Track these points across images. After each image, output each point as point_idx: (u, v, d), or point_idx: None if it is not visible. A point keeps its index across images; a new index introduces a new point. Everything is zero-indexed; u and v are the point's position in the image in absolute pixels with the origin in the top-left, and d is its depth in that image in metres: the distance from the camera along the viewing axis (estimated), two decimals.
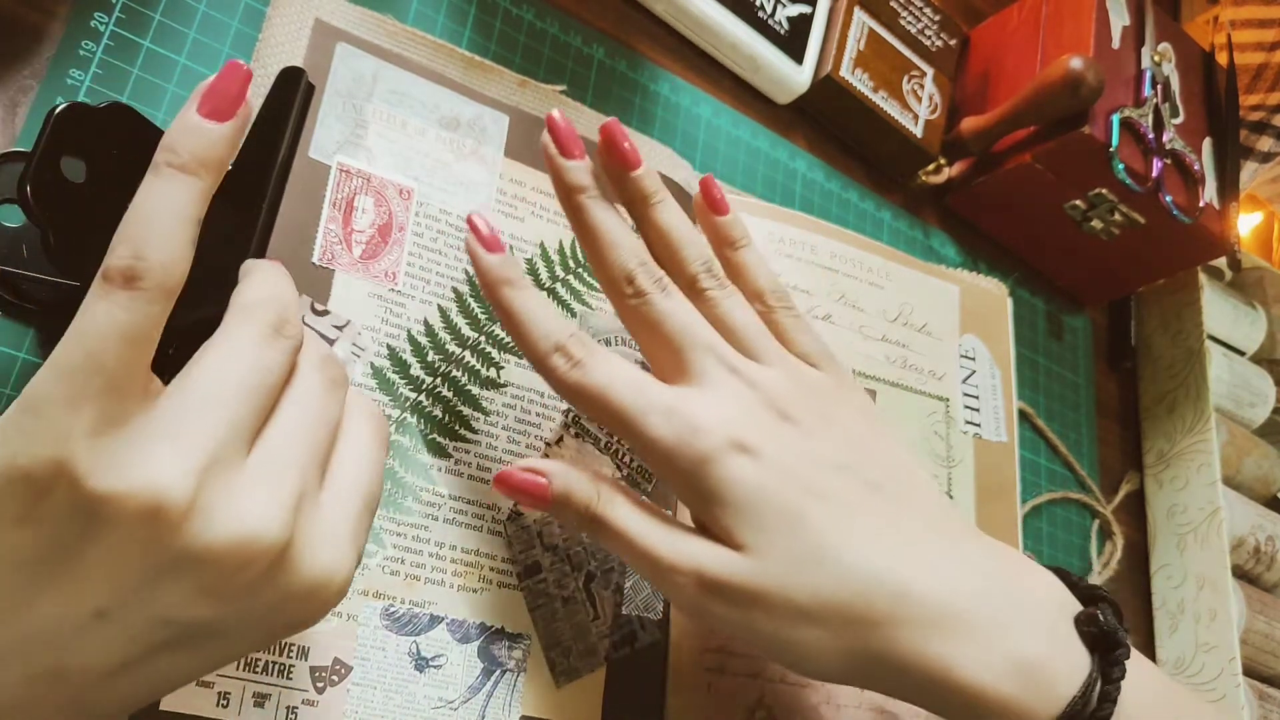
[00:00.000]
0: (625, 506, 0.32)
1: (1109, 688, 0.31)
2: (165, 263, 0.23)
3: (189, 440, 0.23)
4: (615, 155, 0.35)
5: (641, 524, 0.32)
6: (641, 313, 0.34)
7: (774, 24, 0.54)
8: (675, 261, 0.35)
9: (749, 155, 0.54)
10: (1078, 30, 0.57)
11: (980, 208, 0.62)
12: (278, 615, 0.25)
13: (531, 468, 0.33)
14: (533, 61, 0.47)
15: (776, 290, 0.36)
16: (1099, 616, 0.32)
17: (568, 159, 0.34)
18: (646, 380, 0.33)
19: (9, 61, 0.34)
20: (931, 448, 0.49)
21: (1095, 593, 0.34)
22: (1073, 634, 0.33)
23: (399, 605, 0.34)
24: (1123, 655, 0.32)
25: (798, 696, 0.41)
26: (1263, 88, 0.73)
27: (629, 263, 0.34)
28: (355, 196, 0.38)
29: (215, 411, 0.24)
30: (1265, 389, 0.66)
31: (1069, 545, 0.59)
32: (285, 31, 0.38)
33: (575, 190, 0.34)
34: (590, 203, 0.34)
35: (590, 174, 0.34)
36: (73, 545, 0.22)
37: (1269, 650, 0.58)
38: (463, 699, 0.35)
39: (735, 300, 0.35)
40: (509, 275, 0.34)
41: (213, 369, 0.25)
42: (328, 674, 0.32)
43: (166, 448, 0.22)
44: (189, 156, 0.24)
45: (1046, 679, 0.31)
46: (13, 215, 0.32)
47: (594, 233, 0.34)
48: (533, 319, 0.33)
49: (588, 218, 0.34)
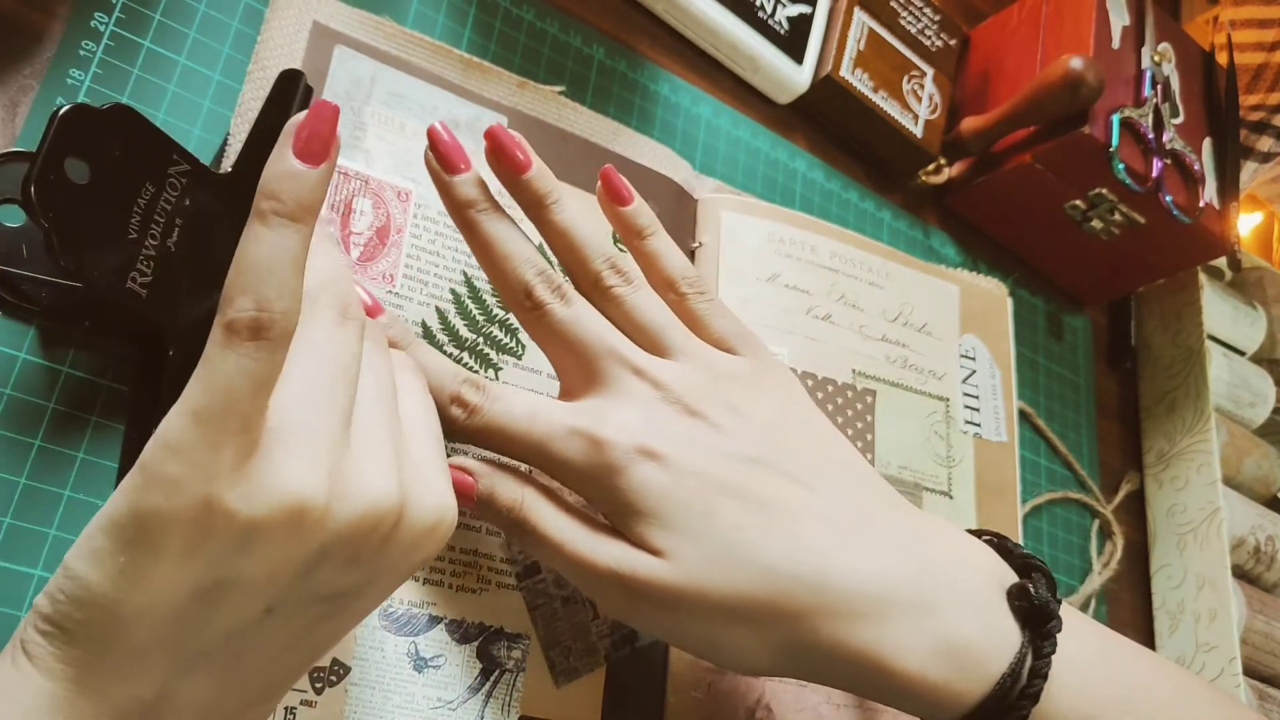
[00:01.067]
0: (550, 510, 0.32)
1: (1039, 663, 0.31)
2: (288, 310, 0.24)
3: (309, 445, 0.25)
4: (505, 161, 0.34)
5: (565, 528, 0.32)
6: (543, 325, 0.33)
7: (774, 24, 0.54)
8: (578, 261, 0.34)
9: (749, 155, 0.54)
10: (1078, 30, 0.57)
11: (980, 208, 0.61)
12: (408, 559, 0.28)
13: (461, 465, 0.33)
14: (533, 62, 0.47)
15: (688, 276, 0.36)
16: (1029, 590, 0.32)
17: (452, 174, 0.33)
18: (543, 406, 0.33)
19: (9, 61, 0.34)
20: (931, 448, 0.49)
21: (1029, 562, 0.34)
22: (1003, 609, 0.32)
23: (398, 605, 0.34)
24: (1054, 628, 0.32)
25: (798, 696, 0.41)
26: (1263, 88, 0.73)
27: (525, 274, 0.33)
28: (353, 199, 0.38)
29: (320, 410, 0.25)
30: (1265, 389, 0.66)
31: (1069, 545, 0.59)
32: (283, 34, 0.38)
33: (464, 205, 0.33)
34: (480, 216, 0.33)
35: (477, 186, 0.33)
36: (237, 565, 0.24)
37: (1269, 650, 0.58)
38: (462, 699, 0.35)
39: (641, 295, 0.34)
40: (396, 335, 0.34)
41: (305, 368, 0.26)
42: (326, 674, 0.32)
43: (295, 459, 0.24)
44: (294, 204, 0.24)
45: (975, 659, 0.31)
46: (13, 215, 0.32)
47: (488, 247, 0.33)
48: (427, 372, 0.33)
49: (480, 232, 0.33)
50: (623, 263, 0.34)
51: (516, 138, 0.34)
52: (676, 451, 0.31)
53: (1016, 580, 0.33)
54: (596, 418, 0.32)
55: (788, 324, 0.47)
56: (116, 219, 0.30)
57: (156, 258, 0.31)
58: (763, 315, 0.46)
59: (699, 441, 0.32)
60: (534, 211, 0.34)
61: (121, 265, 0.30)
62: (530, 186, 0.34)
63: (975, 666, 0.31)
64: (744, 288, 0.46)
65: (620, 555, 0.31)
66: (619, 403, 0.32)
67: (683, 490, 0.31)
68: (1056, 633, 0.32)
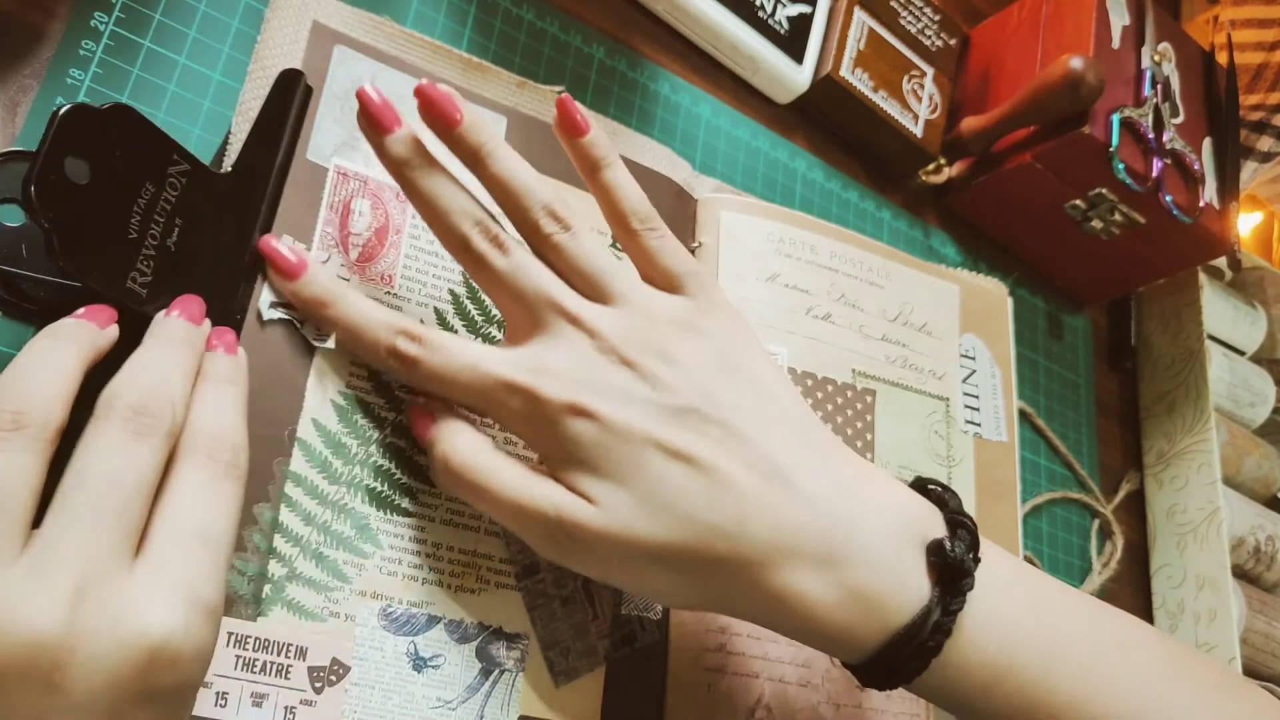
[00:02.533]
0: (490, 455, 0.33)
1: (944, 619, 0.32)
2: None
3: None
4: (436, 114, 0.33)
5: (503, 471, 0.33)
6: (483, 274, 0.34)
7: (774, 24, 0.54)
8: (518, 210, 0.34)
9: (749, 155, 0.54)
10: (1078, 30, 0.57)
11: (980, 207, 0.62)
12: (104, 705, 0.24)
13: (429, 408, 0.34)
14: (533, 61, 0.47)
15: (639, 211, 0.35)
16: (946, 546, 0.33)
17: (384, 134, 0.33)
18: (484, 358, 0.33)
19: (9, 61, 0.34)
20: (931, 447, 0.49)
21: (956, 519, 0.34)
22: (917, 564, 0.33)
23: (397, 605, 0.34)
24: (966, 586, 0.33)
25: (798, 696, 0.41)
26: (1263, 88, 0.73)
27: (462, 226, 0.33)
28: (352, 199, 0.38)
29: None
30: (1265, 389, 0.66)
31: (1069, 545, 0.59)
32: (283, 34, 0.38)
33: (399, 164, 0.33)
34: (416, 174, 0.33)
35: (410, 144, 0.33)
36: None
37: (1269, 650, 0.58)
38: (461, 699, 0.35)
39: (580, 241, 0.34)
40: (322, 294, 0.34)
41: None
42: (326, 674, 0.32)
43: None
44: None
45: (878, 609, 0.32)
46: (13, 215, 0.32)
47: (426, 203, 0.34)
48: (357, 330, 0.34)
49: (418, 189, 0.33)
50: (561, 209, 0.34)
51: (448, 92, 0.34)
52: (606, 406, 0.32)
53: (938, 536, 0.34)
54: (532, 370, 0.33)
55: (788, 324, 0.47)
56: (116, 219, 0.30)
57: (156, 257, 0.31)
58: (763, 315, 0.46)
59: (629, 393, 0.33)
60: (471, 164, 0.34)
61: (121, 265, 0.30)
62: (465, 139, 0.34)
63: (878, 616, 0.32)
64: (744, 288, 0.46)
65: (554, 498, 0.32)
66: (555, 352, 0.33)
67: (612, 443, 0.32)
68: (967, 591, 0.33)
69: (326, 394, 0.35)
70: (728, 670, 0.40)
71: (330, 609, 0.33)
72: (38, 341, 0.28)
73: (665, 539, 0.32)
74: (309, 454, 0.34)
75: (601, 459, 0.32)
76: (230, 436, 0.29)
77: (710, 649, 0.40)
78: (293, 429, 0.34)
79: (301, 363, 0.35)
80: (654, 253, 0.35)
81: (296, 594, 0.33)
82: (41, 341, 0.28)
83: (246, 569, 0.32)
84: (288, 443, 0.34)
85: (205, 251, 0.33)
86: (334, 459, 0.35)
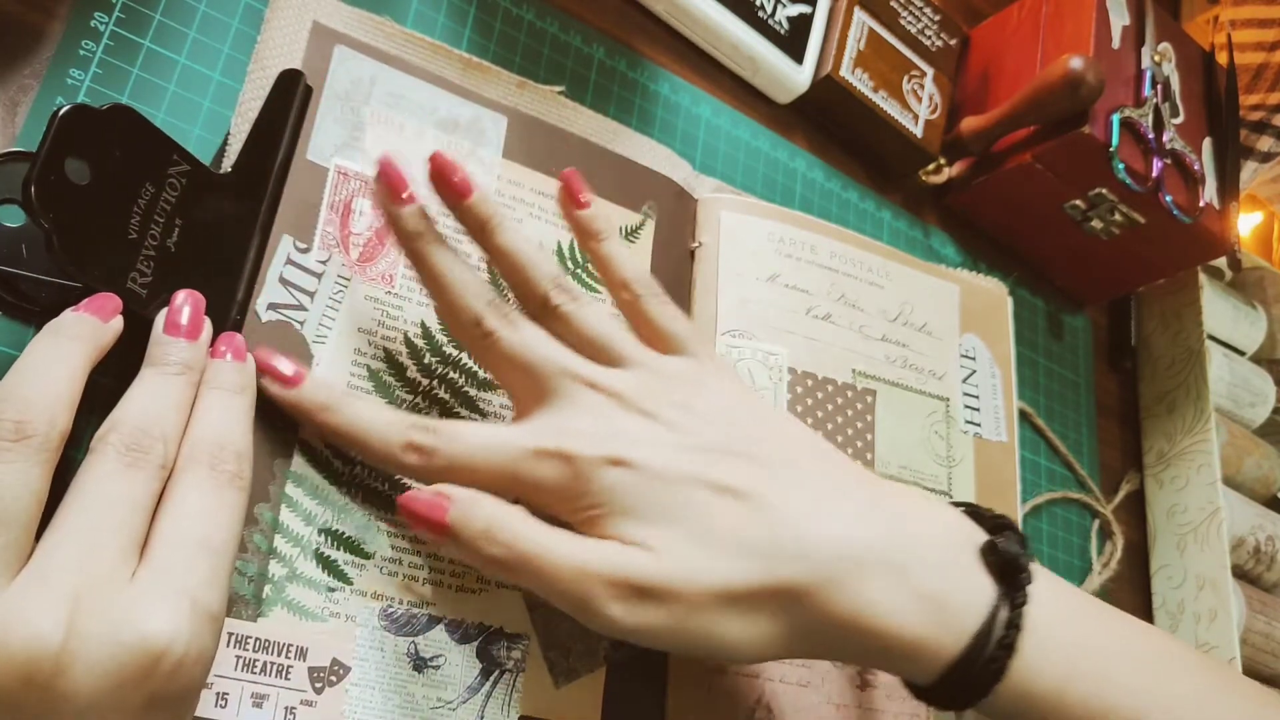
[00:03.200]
0: (529, 523, 0.31)
1: (1013, 614, 0.32)
2: None
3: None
4: (446, 188, 0.35)
5: (548, 538, 0.31)
6: (495, 351, 0.34)
7: (774, 24, 0.54)
8: (525, 283, 0.35)
9: (749, 155, 0.54)
10: (1078, 30, 0.57)
11: (980, 208, 0.61)
12: (129, 698, 0.24)
13: (437, 490, 0.32)
14: (533, 61, 0.47)
15: (639, 279, 0.37)
16: (998, 545, 0.33)
17: (398, 206, 0.34)
18: (501, 433, 0.33)
19: (9, 61, 0.34)
20: (931, 447, 0.49)
21: (1000, 522, 0.35)
22: (976, 565, 0.33)
23: (397, 606, 0.34)
24: (1025, 580, 0.33)
25: (798, 696, 0.41)
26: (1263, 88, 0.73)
27: (475, 305, 0.34)
28: (353, 199, 0.38)
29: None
30: (1265, 389, 0.66)
31: (1069, 545, 0.59)
32: (283, 34, 0.38)
33: (412, 237, 0.34)
34: (429, 249, 0.34)
35: (421, 218, 0.34)
36: None
37: (1269, 650, 0.58)
38: (461, 699, 0.35)
39: (589, 310, 0.35)
40: None
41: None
42: (326, 674, 0.32)
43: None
44: None
45: (951, 612, 0.32)
46: (13, 215, 0.32)
47: (437, 279, 0.34)
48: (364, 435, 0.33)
49: (429, 265, 0.34)
50: (567, 281, 0.35)
51: (455, 163, 0.34)
52: (641, 453, 0.32)
53: (988, 538, 0.34)
54: (558, 433, 0.32)
55: (788, 324, 0.47)
56: (116, 219, 0.30)
57: (156, 258, 0.31)
58: (763, 315, 0.46)
59: (660, 440, 0.33)
60: (478, 236, 0.35)
61: (121, 265, 0.30)
62: (472, 212, 0.35)
63: (952, 619, 0.32)
64: (744, 288, 0.46)
65: (611, 552, 0.31)
66: (577, 416, 0.33)
67: (654, 488, 0.32)
68: (1027, 584, 0.33)
69: None
70: (728, 670, 0.40)
71: (331, 609, 0.33)
72: (40, 341, 0.27)
73: (728, 576, 0.31)
74: (309, 454, 0.34)
75: (645, 505, 0.32)
76: (234, 445, 0.29)
77: None
78: (293, 429, 0.34)
79: (302, 363, 0.35)
80: (656, 316, 0.36)
81: (297, 594, 0.33)
82: (44, 341, 0.27)
83: (247, 569, 0.32)
84: (288, 443, 0.34)
85: (205, 252, 0.33)
86: (334, 459, 0.35)
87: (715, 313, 0.45)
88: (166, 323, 0.30)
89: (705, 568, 0.31)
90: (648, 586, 0.30)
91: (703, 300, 0.46)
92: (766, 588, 0.31)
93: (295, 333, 0.35)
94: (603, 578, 0.30)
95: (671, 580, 0.31)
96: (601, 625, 0.31)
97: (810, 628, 0.32)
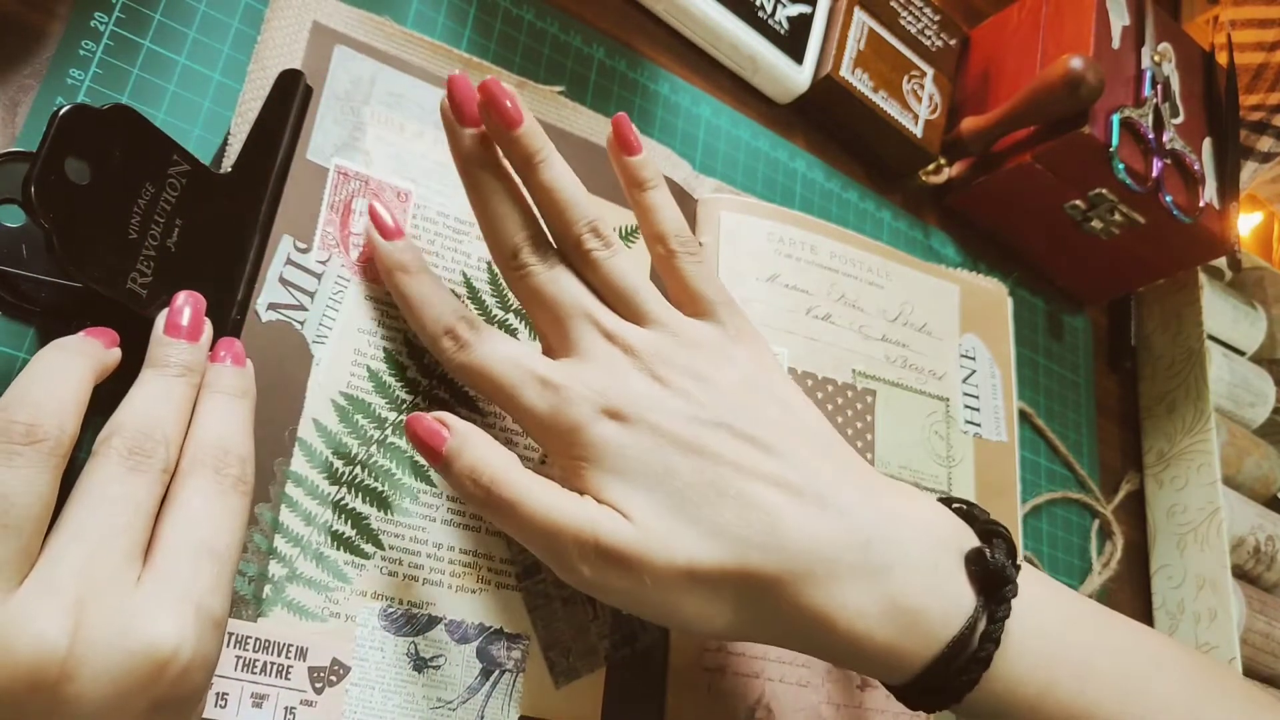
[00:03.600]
0: (518, 471, 0.32)
1: (992, 628, 0.31)
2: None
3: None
4: (496, 114, 0.34)
5: (533, 487, 0.31)
6: (525, 285, 0.34)
7: (774, 24, 0.54)
8: (561, 223, 0.35)
9: (749, 155, 0.54)
10: (1078, 30, 0.57)
11: (980, 208, 0.62)
12: (134, 704, 0.24)
13: (437, 418, 0.32)
14: (533, 61, 0.47)
15: (679, 234, 0.36)
16: (985, 554, 0.32)
17: (465, 125, 0.34)
18: (525, 355, 0.33)
19: (9, 61, 0.34)
20: (931, 448, 0.49)
21: (991, 528, 0.34)
22: (958, 574, 0.32)
23: (397, 606, 0.34)
24: (1009, 593, 0.32)
25: (798, 696, 0.41)
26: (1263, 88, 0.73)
27: (515, 237, 0.34)
28: (353, 199, 0.38)
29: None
30: (1265, 389, 0.66)
31: (1069, 545, 0.59)
32: (283, 34, 0.38)
33: (469, 159, 0.34)
34: (482, 174, 0.34)
35: (481, 143, 0.34)
36: None
37: (1269, 650, 0.58)
38: (461, 699, 0.35)
39: (619, 260, 0.35)
40: (405, 260, 0.35)
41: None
42: (326, 674, 0.32)
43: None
44: None
45: (925, 622, 0.31)
46: (13, 215, 0.32)
47: (485, 204, 0.34)
48: (425, 303, 0.34)
49: (481, 189, 0.34)
50: (603, 227, 0.35)
51: (511, 91, 0.34)
52: (638, 412, 0.32)
53: (976, 545, 0.33)
54: (567, 374, 0.33)
55: (788, 324, 0.47)
56: (116, 219, 0.30)
57: (156, 258, 0.31)
58: (763, 315, 0.46)
59: (662, 404, 0.33)
60: (522, 168, 0.35)
61: (121, 265, 0.30)
62: (520, 143, 0.34)
63: (924, 629, 0.31)
64: (744, 288, 0.46)
65: (590, 514, 0.31)
66: (589, 364, 0.33)
67: (642, 448, 0.32)
68: (1011, 598, 0.32)
69: (327, 394, 0.35)
70: (728, 670, 0.40)
71: (331, 609, 0.33)
72: (47, 352, 0.28)
73: (697, 554, 0.31)
74: (309, 454, 0.34)
75: (629, 464, 0.32)
76: (236, 449, 0.29)
77: (710, 648, 0.40)
78: (293, 429, 0.34)
79: (302, 363, 0.35)
80: (689, 276, 0.36)
81: (297, 594, 0.33)
82: (51, 352, 0.28)
83: (247, 569, 0.32)
84: (288, 443, 0.34)
85: (205, 252, 0.33)
86: (335, 459, 0.35)
87: None
88: (167, 324, 0.30)
89: (676, 542, 0.31)
90: (617, 553, 0.30)
91: None
92: (734, 572, 0.31)
93: (295, 333, 0.35)
94: (575, 536, 0.30)
95: (641, 552, 0.30)
96: (567, 578, 0.32)
97: (775, 618, 0.32)
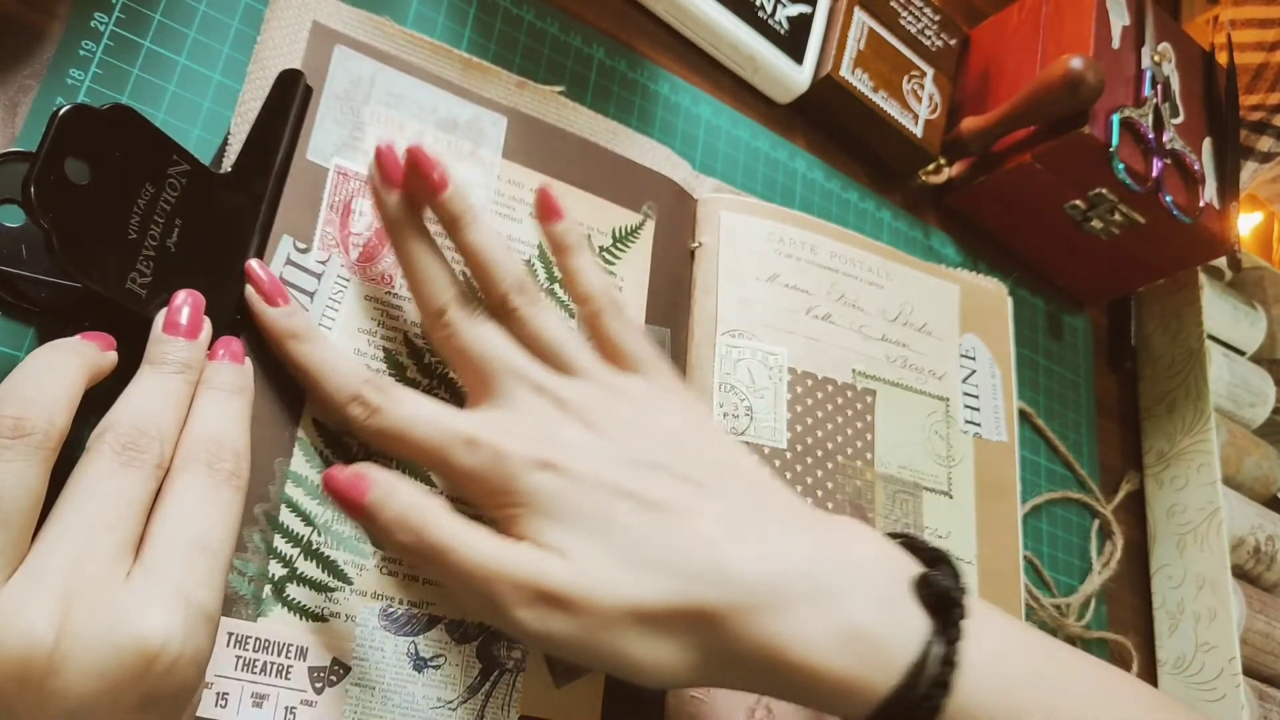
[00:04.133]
0: (449, 517, 0.31)
1: (947, 650, 0.30)
2: None
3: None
4: (423, 180, 0.34)
5: (467, 534, 0.30)
6: (452, 343, 0.34)
7: (774, 24, 0.54)
8: (488, 282, 0.35)
9: (749, 155, 0.54)
10: (1078, 30, 0.57)
11: (980, 208, 0.61)
12: (97, 708, 0.24)
13: (356, 470, 0.31)
14: (533, 61, 0.47)
15: (603, 294, 0.37)
16: (930, 579, 0.32)
17: (389, 190, 0.35)
18: (444, 414, 0.33)
19: (9, 61, 0.34)
20: (931, 447, 0.49)
21: (937, 555, 0.34)
22: (908, 599, 0.32)
23: (397, 606, 0.34)
24: (958, 615, 0.31)
25: None
26: (1263, 88, 0.73)
27: (442, 296, 0.35)
28: (353, 199, 0.38)
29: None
30: (1265, 389, 0.66)
31: (1069, 545, 0.59)
32: (283, 34, 0.38)
33: (395, 223, 0.35)
34: (408, 237, 0.35)
35: (407, 206, 0.35)
36: None
37: (1269, 650, 0.58)
38: (461, 699, 0.35)
39: (546, 316, 0.35)
40: (295, 328, 0.34)
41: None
42: (326, 674, 0.32)
43: None
44: None
45: (881, 649, 0.30)
46: (13, 215, 0.32)
47: (411, 267, 0.35)
48: (325, 371, 0.33)
49: (405, 252, 0.35)
50: (529, 285, 0.35)
51: (434, 158, 0.34)
52: (572, 460, 0.32)
53: (922, 570, 0.33)
54: (495, 428, 0.32)
55: (788, 324, 0.47)
56: (116, 219, 0.30)
57: (156, 258, 0.31)
58: (763, 315, 0.46)
59: (597, 451, 0.32)
60: (450, 230, 0.35)
61: (121, 265, 0.30)
62: (446, 206, 0.35)
63: (881, 656, 0.30)
64: (744, 288, 0.46)
65: (527, 557, 0.30)
66: (518, 416, 0.33)
67: (578, 494, 0.31)
68: (961, 619, 0.31)
69: None
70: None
71: (330, 609, 0.33)
72: (40, 350, 0.28)
73: (639, 592, 0.30)
74: (309, 454, 0.34)
75: (567, 511, 0.31)
76: (232, 444, 0.29)
77: None
78: (293, 429, 0.34)
79: None
80: (616, 333, 0.36)
81: (297, 594, 0.33)
82: (45, 350, 0.28)
83: (246, 569, 0.32)
84: (288, 443, 0.34)
85: (205, 252, 0.33)
86: (335, 459, 0.35)
87: (715, 313, 0.45)
88: (166, 322, 0.30)
89: (619, 581, 0.30)
90: (557, 594, 0.30)
91: (703, 300, 0.46)
92: (681, 609, 0.30)
93: None
94: (513, 580, 0.30)
95: (582, 590, 0.30)
96: (508, 628, 0.30)
97: (726, 657, 0.31)
